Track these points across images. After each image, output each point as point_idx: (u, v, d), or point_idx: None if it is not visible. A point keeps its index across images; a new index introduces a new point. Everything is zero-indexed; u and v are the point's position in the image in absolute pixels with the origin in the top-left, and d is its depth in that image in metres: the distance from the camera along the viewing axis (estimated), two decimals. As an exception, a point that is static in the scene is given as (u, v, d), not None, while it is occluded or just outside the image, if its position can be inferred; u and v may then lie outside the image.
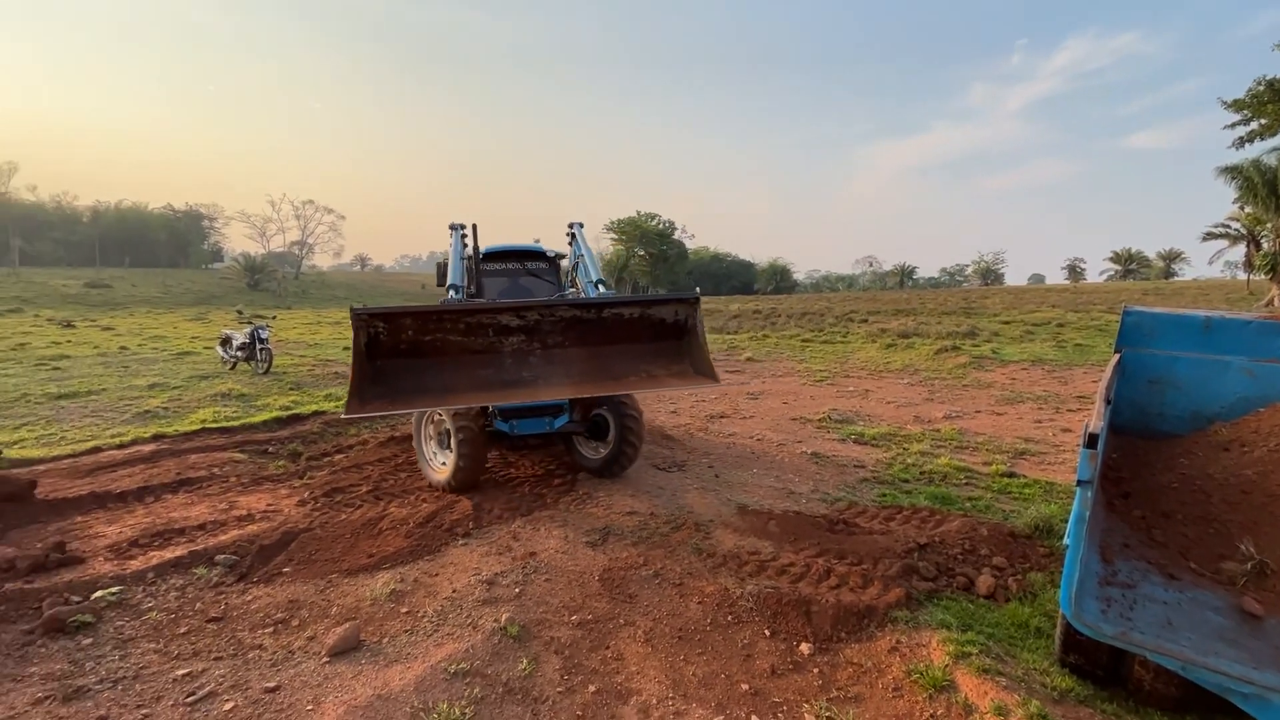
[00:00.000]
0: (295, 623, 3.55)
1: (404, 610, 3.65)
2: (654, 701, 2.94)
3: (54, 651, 3.23)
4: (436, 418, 5.63)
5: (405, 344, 4.22)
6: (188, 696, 2.85)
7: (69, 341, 19.21)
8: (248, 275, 68.37)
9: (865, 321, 25.68)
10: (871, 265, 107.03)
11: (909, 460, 6.94)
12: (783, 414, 9.51)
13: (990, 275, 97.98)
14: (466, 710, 2.71)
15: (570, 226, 6.59)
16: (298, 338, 21.57)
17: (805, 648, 3.37)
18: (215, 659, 3.18)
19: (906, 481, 6.21)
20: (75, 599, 3.71)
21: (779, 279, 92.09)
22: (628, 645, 3.39)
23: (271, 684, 2.93)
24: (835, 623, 3.55)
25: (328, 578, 4.08)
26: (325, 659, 3.14)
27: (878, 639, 3.39)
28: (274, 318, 15.87)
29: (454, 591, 3.83)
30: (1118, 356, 4.23)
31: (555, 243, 7.34)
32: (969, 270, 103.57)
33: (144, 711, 2.76)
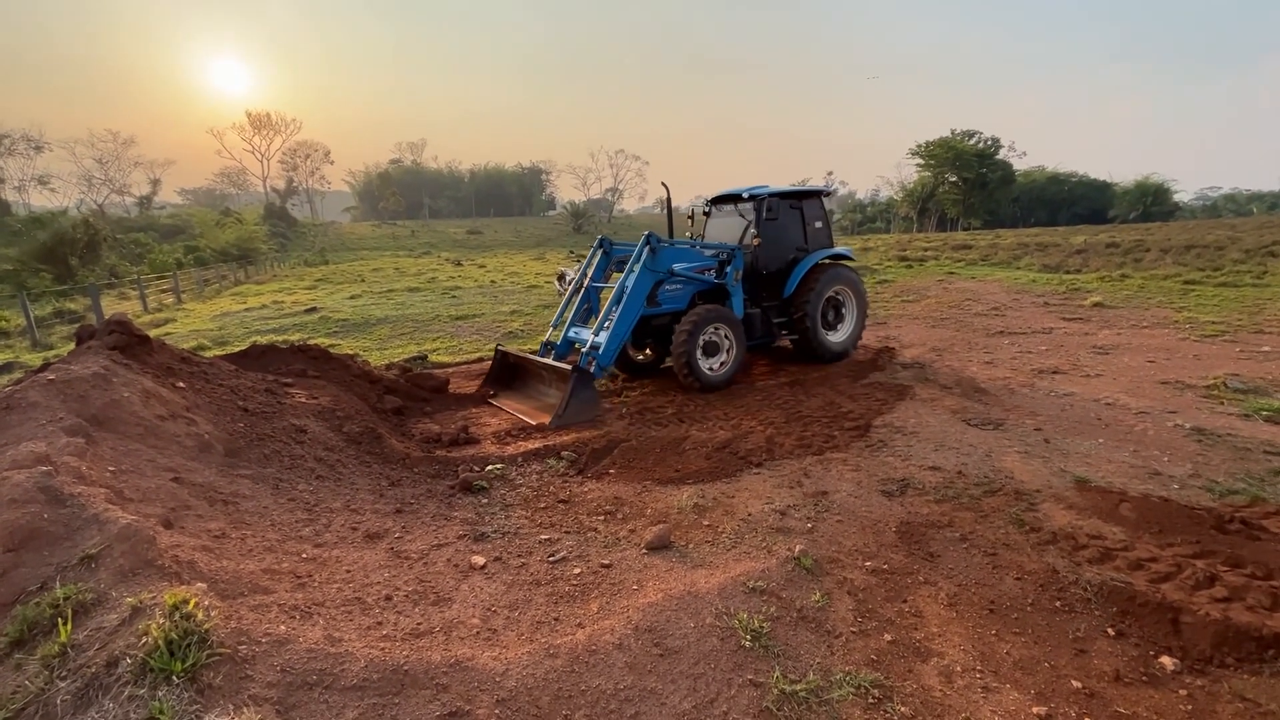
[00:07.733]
0: (619, 515, 4.23)
1: (705, 523, 4.05)
2: (958, 669, 2.76)
3: (466, 503, 4.44)
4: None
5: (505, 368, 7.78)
6: (549, 556, 3.66)
7: (459, 276, 25.19)
8: (572, 220, 79.79)
9: (1301, 257, 18.37)
10: (1322, 175, 74.98)
11: (1371, 455, 4.92)
12: (1146, 375, 7.55)
13: None
14: (764, 625, 2.92)
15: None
16: (610, 274, 24.57)
17: (1168, 662, 2.76)
18: (565, 532, 4.00)
19: (1364, 484, 4.44)
20: (475, 468, 5.01)
21: (1149, 201, 71.13)
22: (927, 604, 3.22)
23: (606, 561, 3.58)
24: (1218, 643, 2.82)
25: (643, 483, 4.73)
26: (643, 550, 3.69)
27: (1292, 679, 2.59)
28: None
29: (749, 515, 4.09)
30: None
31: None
32: None
33: (522, 560, 3.64)
